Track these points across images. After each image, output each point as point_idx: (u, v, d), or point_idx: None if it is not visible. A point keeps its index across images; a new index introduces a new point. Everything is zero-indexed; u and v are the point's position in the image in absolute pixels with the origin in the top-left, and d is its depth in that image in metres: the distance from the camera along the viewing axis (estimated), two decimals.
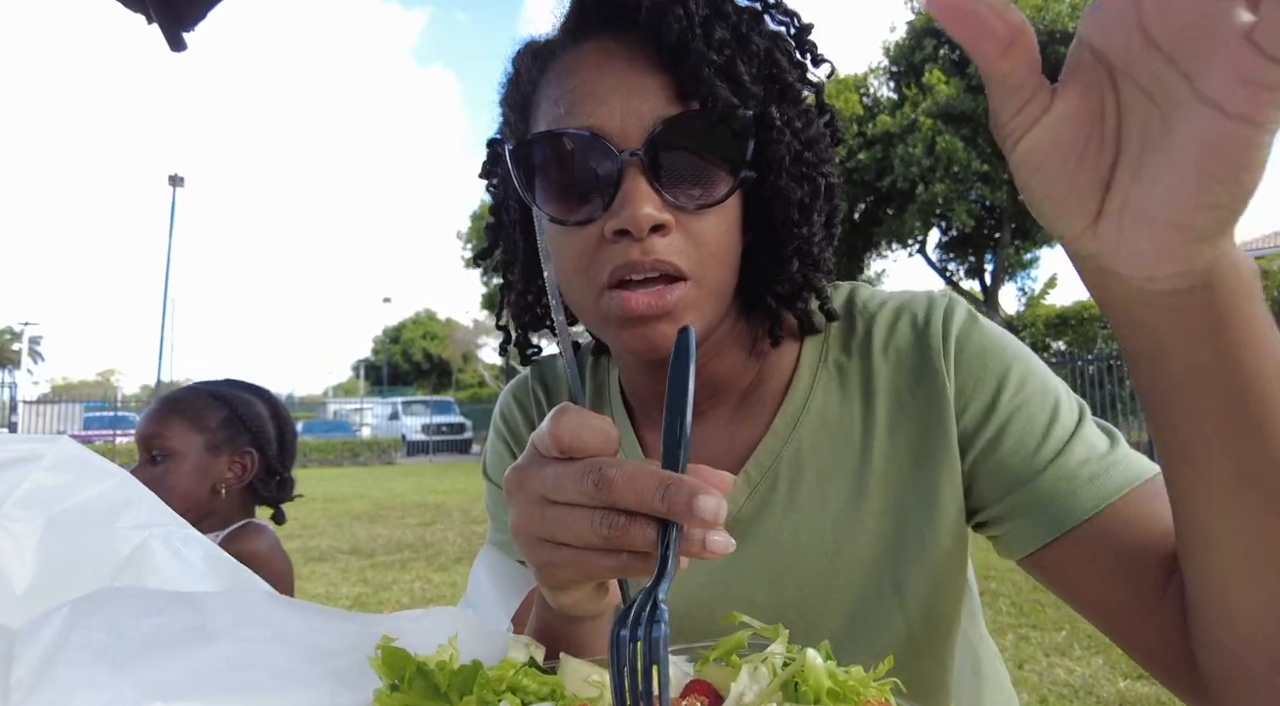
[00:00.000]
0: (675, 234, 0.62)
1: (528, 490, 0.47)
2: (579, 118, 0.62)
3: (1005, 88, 0.36)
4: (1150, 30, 0.33)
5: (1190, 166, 0.33)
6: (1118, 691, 3.33)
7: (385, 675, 0.44)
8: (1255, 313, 0.39)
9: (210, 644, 0.48)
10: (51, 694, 0.42)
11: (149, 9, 1.92)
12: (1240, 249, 0.38)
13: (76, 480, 0.62)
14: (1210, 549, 0.47)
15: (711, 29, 0.62)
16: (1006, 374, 0.68)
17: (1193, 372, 0.41)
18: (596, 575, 0.47)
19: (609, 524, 0.43)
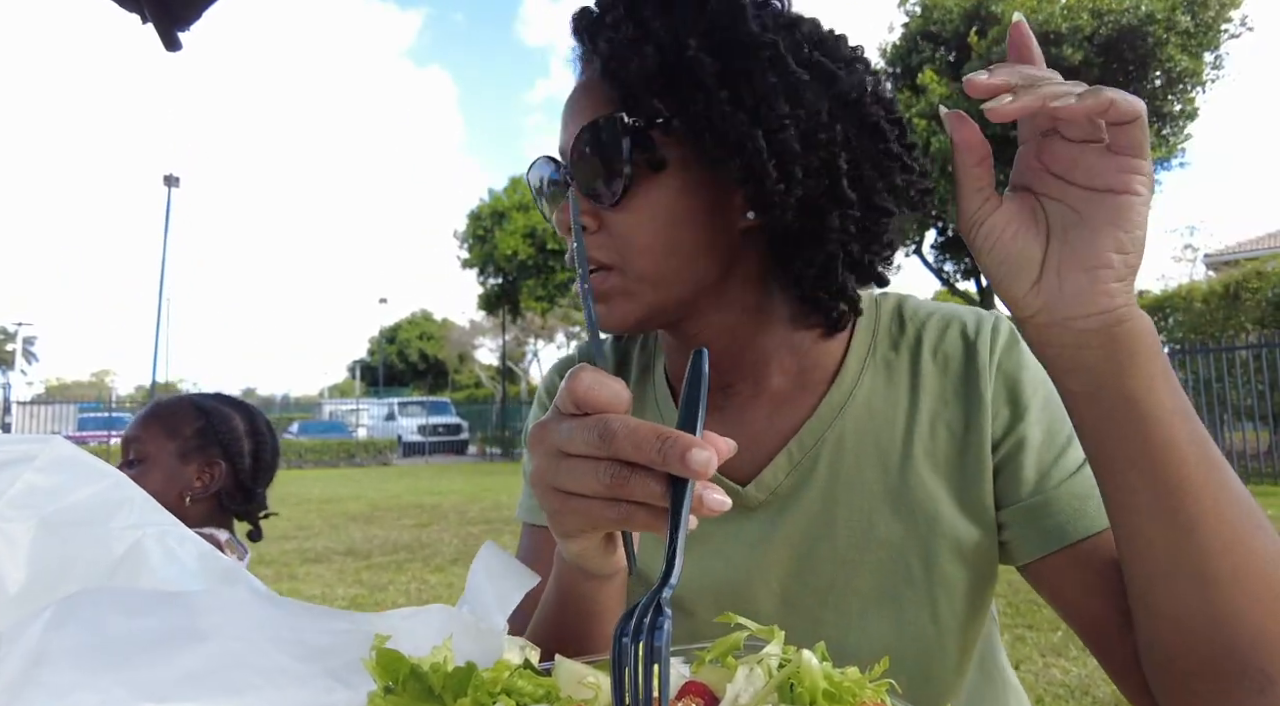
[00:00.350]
0: (599, 233, 0.71)
1: (545, 443, 0.51)
2: (559, 143, 0.75)
3: (974, 188, 0.54)
4: (1050, 168, 0.53)
5: (1103, 228, 0.50)
6: (1113, 692, 3.34)
7: (379, 677, 0.44)
8: (1158, 350, 0.52)
9: (200, 643, 0.47)
10: (39, 695, 0.41)
11: (143, 9, 1.91)
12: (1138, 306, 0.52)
13: (70, 480, 0.61)
14: (1136, 561, 0.56)
15: (628, 42, 0.69)
16: (1035, 394, 0.73)
17: (1118, 404, 0.52)
18: (600, 524, 0.51)
19: (611, 474, 0.47)
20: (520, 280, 32.47)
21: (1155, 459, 0.52)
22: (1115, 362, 0.51)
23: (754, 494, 0.77)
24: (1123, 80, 17.67)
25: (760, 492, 0.77)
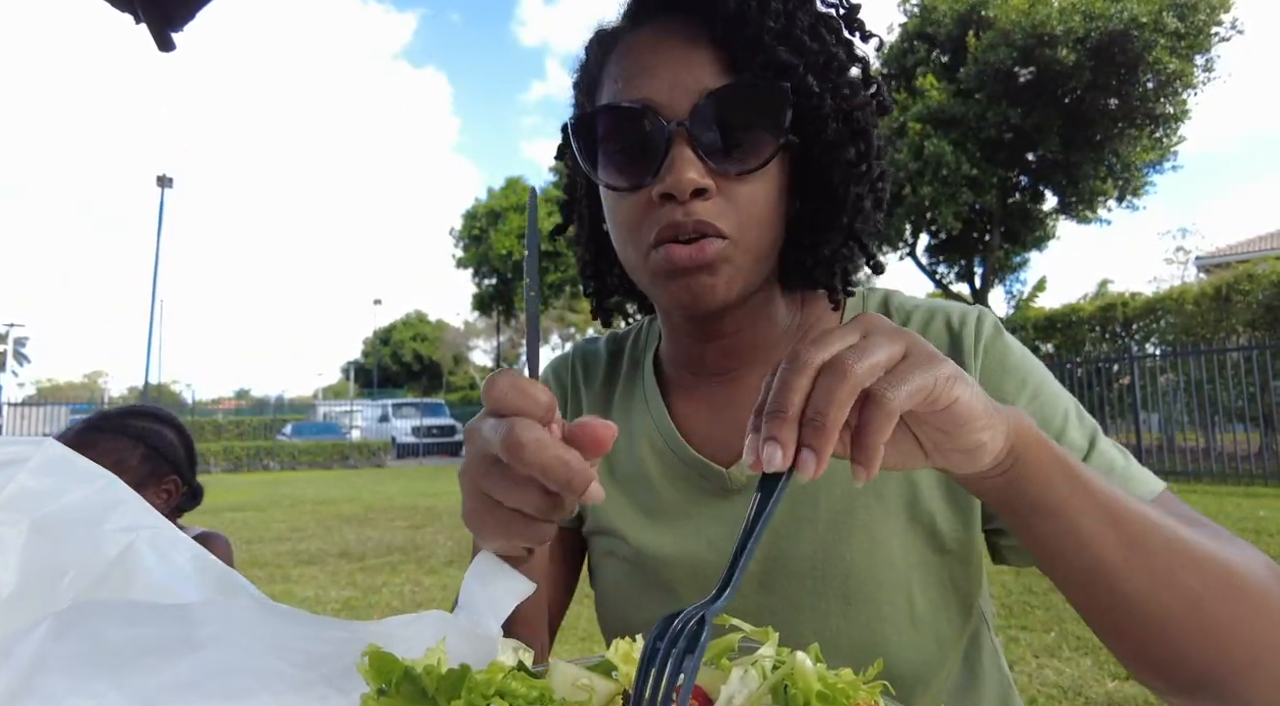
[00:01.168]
0: (717, 198, 0.68)
1: (474, 442, 0.52)
2: (632, 92, 0.69)
3: (899, 465, 0.55)
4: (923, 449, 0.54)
5: (956, 435, 0.51)
6: (1106, 692, 3.35)
7: (372, 679, 0.44)
8: (1047, 455, 0.55)
9: (197, 651, 0.47)
10: (37, 701, 0.41)
11: (137, 9, 1.91)
12: (1017, 426, 0.54)
13: (62, 483, 0.61)
14: (1090, 612, 0.61)
15: (766, 5, 0.68)
16: (1023, 383, 0.73)
17: (1029, 508, 0.57)
18: (487, 528, 0.52)
19: (535, 499, 0.49)
20: (515, 280, 32.42)
21: (1071, 543, 0.56)
22: (1014, 486, 0.56)
23: (737, 475, 0.77)
24: (1114, 82, 17.78)
25: (743, 475, 0.77)
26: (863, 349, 0.46)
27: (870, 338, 0.47)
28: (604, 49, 0.76)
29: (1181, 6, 17.21)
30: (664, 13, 0.72)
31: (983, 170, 18.56)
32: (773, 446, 0.45)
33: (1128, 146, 18.85)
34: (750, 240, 0.70)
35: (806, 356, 0.46)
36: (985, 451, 0.52)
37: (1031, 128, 18.47)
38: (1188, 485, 10.71)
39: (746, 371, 0.80)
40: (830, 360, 0.46)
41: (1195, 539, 0.58)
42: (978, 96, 18.54)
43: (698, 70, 0.68)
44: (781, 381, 0.46)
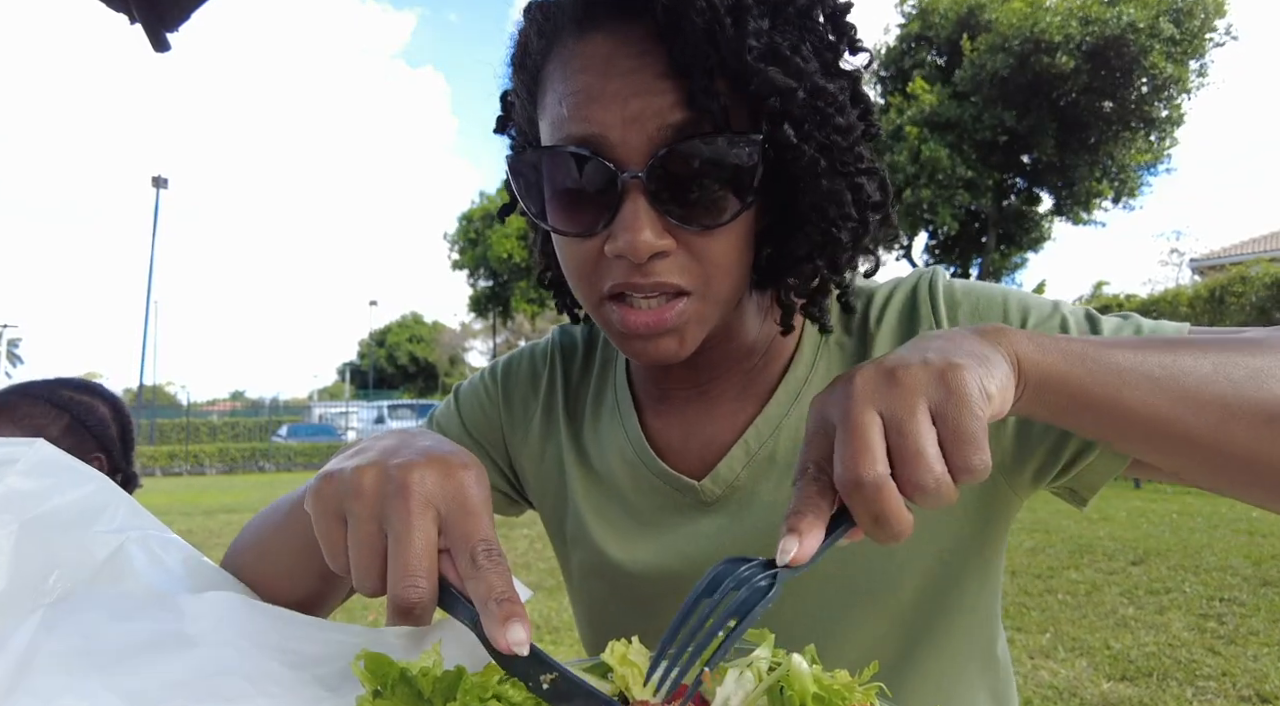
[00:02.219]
0: (678, 253, 0.60)
1: (364, 482, 0.47)
2: (580, 125, 0.59)
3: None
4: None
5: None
6: (1101, 693, 3.36)
7: (368, 681, 0.43)
8: (1064, 362, 0.51)
9: (189, 649, 0.47)
10: (28, 700, 0.41)
11: (131, 9, 1.90)
12: (1013, 353, 0.50)
13: (52, 484, 0.60)
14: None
15: (725, 29, 0.56)
16: (1006, 307, 0.70)
17: (1079, 403, 0.52)
18: (361, 578, 0.48)
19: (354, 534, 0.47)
20: (513, 282, 32.44)
21: (1127, 425, 0.53)
22: (1040, 401, 0.52)
23: (710, 488, 0.74)
24: (1110, 86, 17.86)
25: (717, 486, 0.74)
26: (910, 452, 0.43)
27: (898, 419, 0.44)
28: (545, 38, 0.65)
29: (1177, 12, 17.31)
30: (618, 17, 0.60)
31: (979, 172, 18.63)
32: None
33: (1122, 149, 18.94)
34: (716, 291, 0.63)
35: (860, 475, 0.44)
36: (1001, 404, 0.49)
37: (1027, 130, 18.54)
38: (1181, 486, 10.72)
39: (717, 384, 0.76)
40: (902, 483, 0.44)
41: (1234, 343, 0.55)
42: (973, 99, 18.61)
43: (657, 102, 0.57)
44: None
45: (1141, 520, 7.80)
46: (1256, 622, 4.25)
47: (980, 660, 0.77)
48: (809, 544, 0.44)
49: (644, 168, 0.58)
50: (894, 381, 0.45)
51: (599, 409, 0.84)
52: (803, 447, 0.49)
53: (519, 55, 0.69)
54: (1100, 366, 0.51)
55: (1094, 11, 17.12)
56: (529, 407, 0.88)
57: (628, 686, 0.47)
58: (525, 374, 0.89)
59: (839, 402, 0.46)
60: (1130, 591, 5.01)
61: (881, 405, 0.45)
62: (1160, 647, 3.90)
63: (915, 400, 0.44)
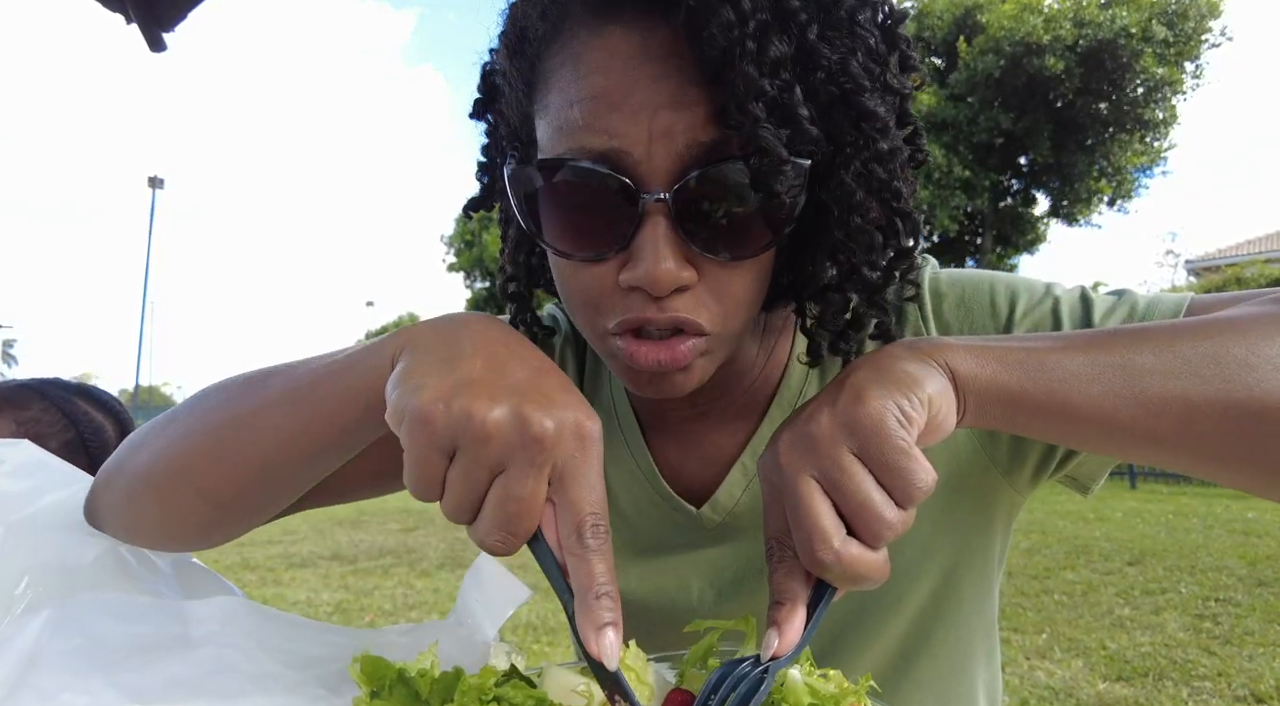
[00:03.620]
0: (698, 288, 0.53)
1: (485, 424, 0.43)
2: (596, 137, 0.51)
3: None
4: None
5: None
6: (1097, 693, 3.37)
7: (364, 682, 0.43)
8: (1006, 372, 0.49)
9: (192, 650, 0.47)
10: (31, 697, 0.41)
11: (127, 9, 1.90)
12: (957, 376, 0.49)
13: (38, 485, 0.60)
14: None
15: (767, 42, 0.48)
16: (994, 294, 0.67)
17: (1045, 422, 0.51)
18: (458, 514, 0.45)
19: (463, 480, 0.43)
20: None
21: (1087, 428, 0.50)
22: (986, 419, 0.51)
23: (710, 515, 0.71)
24: (1105, 89, 17.92)
25: (716, 514, 0.71)
26: (856, 506, 0.44)
27: (830, 478, 0.44)
28: (549, 23, 0.55)
29: (1171, 14, 17.38)
30: (641, 12, 0.51)
31: (975, 174, 18.68)
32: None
33: (1118, 151, 19.00)
34: (731, 328, 0.57)
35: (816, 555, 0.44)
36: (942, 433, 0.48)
37: (1023, 132, 18.59)
38: (1177, 487, 10.77)
39: (716, 404, 0.73)
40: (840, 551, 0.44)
41: (1211, 329, 0.51)
42: (969, 101, 18.66)
43: (684, 118, 0.50)
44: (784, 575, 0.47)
45: (1137, 521, 7.81)
46: (1252, 623, 4.27)
47: (983, 660, 0.77)
48: (790, 636, 0.45)
49: (670, 190, 0.50)
50: (810, 441, 0.45)
51: (594, 397, 0.79)
52: (764, 520, 0.49)
53: (514, 38, 0.59)
54: (1046, 372, 0.49)
55: (1087, 14, 17.18)
56: None
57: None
58: (544, 349, 0.80)
59: (776, 476, 0.47)
60: (1126, 592, 5.02)
61: (811, 468, 0.45)
62: (1156, 648, 3.91)
63: (837, 453, 0.44)
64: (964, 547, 0.71)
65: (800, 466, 0.45)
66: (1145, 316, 0.62)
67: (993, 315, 0.67)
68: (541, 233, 0.56)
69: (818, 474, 0.44)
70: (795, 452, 0.46)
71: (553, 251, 0.56)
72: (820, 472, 0.44)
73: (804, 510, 0.44)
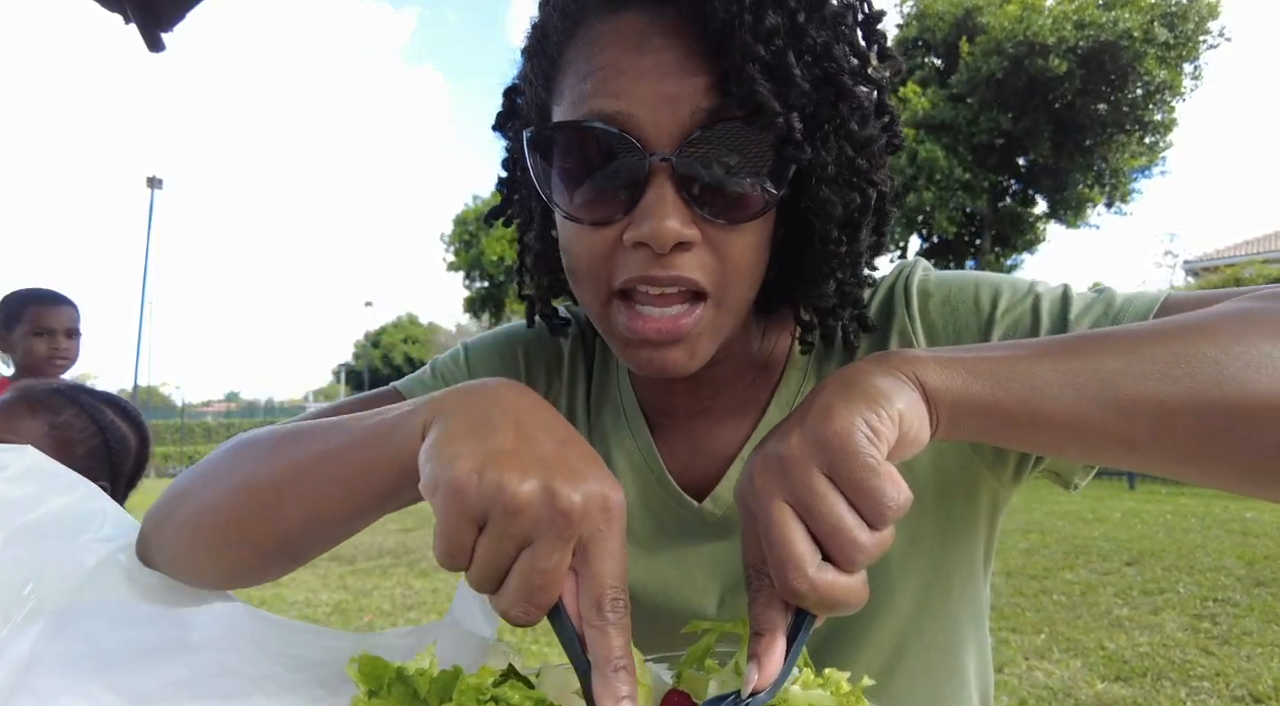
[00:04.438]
0: (700, 248, 0.57)
1: (516, 503, 0.43)
2: (606, 100, 0.56)
3: None
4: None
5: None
6: (1095, 693, 3.37)
7: (362, 682, 0.43)
8: (983, 386, 0.49)
9: (192, 654, 0.47)
10: (30, 701, 0.41)
11: (126, 9, 1.90)
12: (931, 392, 0.48)
13: (40, 491, 0.60)
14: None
15: (763, 14, 0.54)
16: (978, 294, 0.68)
17: (1018, 431, 0.51)
18: (483, 582, 0.46)
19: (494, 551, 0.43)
20: (507, 284, 32.46)
21: (1079, 440, 0.50)
22: (960, 430, 0.50)
23: (711, 509, 0.73)
24: (1105, 90, 17.94)
25: (718, 508, 0.73)
26: (829, 530, 0.43)
27: (802, 502, 0.44)
28: (569, 21, 0.62)
29: (1171, 16, 17.41)
30: (644, 1, 0.58)
31: (975, 174, 18.70)
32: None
33: (1117, 152, 19.04)
34: (733, 297, 0.60)
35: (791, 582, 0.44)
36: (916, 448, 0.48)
37: (1023, 133, 18.61)
38: (1176, 487, 10.78)
39: (720, 399, 0.75)
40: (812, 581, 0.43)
41: (1188, 328, 0.51)
42: (969, 101, 18.68)
43: (689, 84, 0.55)
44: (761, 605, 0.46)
45: (1136, 521, 7.82)
46: (1250, 623, 4.27)
47: (974, 651, 0.78)
48: (770, 669, 0.44)
49: (674, 150, 0.55)
50: (781, 465, 0.45)
51: (603, 408, 0.81)
52: (743, 548, 0.48)
53: (535, 42, 0.66)
54: (1015, 380, 0.49)
55: (1089, 15, 17.21)
56: (552, 387, 0.83)
57: None
58: (550, 351, 0.83)
59: (752, 502, 0.46)
60: (1125, 592, 5.02)
61: (783, 493, 0.44)
62: (1154, 648, 3.92)
63: (807, 476, 0.44)
64: (952, 540, 0.72)
65: (772, 491, 0.45)
66: (1120, 313, 0.62)
67: (976, 312, 0.68)
68: (554, 198, 0.60)
69: (790, 498, 0.44)
70: (767, 476, 0.46)
71: (562, 215, 0.61)
72: (792, 496, 0.44)
73: (776, 537, 0.44)
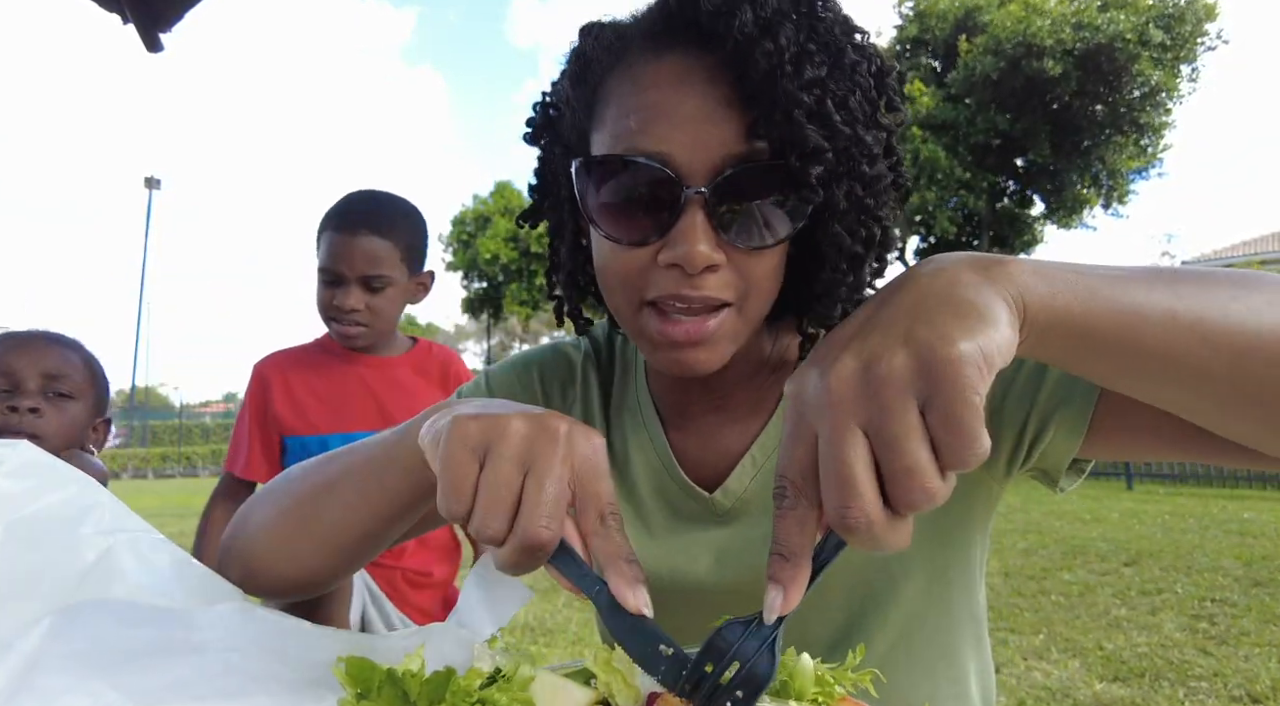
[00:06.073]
0: (725, 269, 0.64)
1: (508, 433, 0.49)
2: (649, 140, 0.63)
3: None
4: None
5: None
6: (1094, 693, 3.37)
7: (349, 684, 0.43)
8: (1062, 298, 0.46)
9: (195, 654, 0.47)
10: (33, 700, 0.41)
11: (124, 9, 1.90)
12: (1024, 307, 0.45)
13: (38, 486, 0.60)
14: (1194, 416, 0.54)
15: (801, 71, 0.61)
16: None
17: (1091, 347, 0.49)
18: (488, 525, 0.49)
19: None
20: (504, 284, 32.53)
21: (1144, 362, 0.49)
22: (1045, 349, 0.49)
23: (721, 500, 0.77)
24: (1102, 91, 17.98)
25: (727, 499, 0.77)
26: (901, 470, 0.39)
27: (885, 433, 0.40)
28: (612, 55, 0.69)
29: (1167, 18, 17.45)
30: (693, 43, 0.64)
31: (973, 174, 18.74)
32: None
33: (1114, 153, 19.07)
34: (752, 309, 0.67)
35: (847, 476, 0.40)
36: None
37: (1020, 133, 18.65)
38: (1174, 487, 10.80)
39: (733, 399, 0.80)
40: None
41: (1238, 276, 0.52)
42: (968, 102, 18.71)
43: (723, 129, 0.62)
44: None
45: (1134, 521, 7.83)
46: (1248, 623, 4.28)
47: (972, 648, 0.82)
48: (794, 595, 0.43)
49: (707, 185, 0.62)
50: (875, 385, 0.40)
51: (622, 409, 0.87)
52: (781, 453, 0.44)
53: (577, 70, 0.72)
54: (1116, 303, 0.46)
55: (1086, 17, 17.25)
56: (568, 397, 0.89)
57: (611, 693, 0.47)
58: (563, 366, 0.91)
59: (818, 413, 0.42)
60: (1123, 592, 5.03)
61: (864, 416, 0.40)
62: (1152, 648, 3.92)
63: (902, 407, 0.39)
64: (950, 541, 0.77)
65: (854, 410, 0.40)
66: None
67: None
68: (595, 221, 0.67)
69: (870, 426, 0.40)
70: (852, 393, 0.41)
71: (603, 235, 0.67)
72: (874, 425, 0.40)
73: (844, 462, 0.40)
